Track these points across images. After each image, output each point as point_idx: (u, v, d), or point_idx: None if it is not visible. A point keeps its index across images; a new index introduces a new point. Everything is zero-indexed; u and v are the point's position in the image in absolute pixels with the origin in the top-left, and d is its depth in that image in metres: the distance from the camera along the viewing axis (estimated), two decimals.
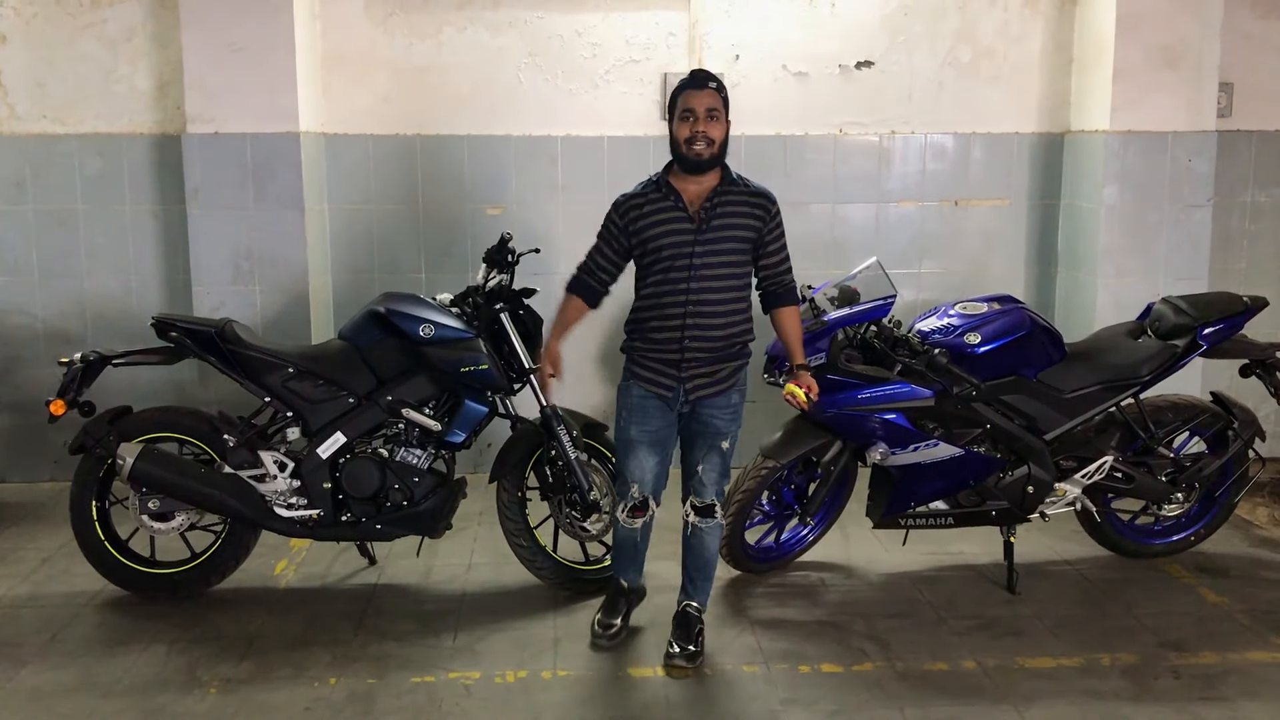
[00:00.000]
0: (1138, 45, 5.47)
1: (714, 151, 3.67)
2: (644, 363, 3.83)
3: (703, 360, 3.78)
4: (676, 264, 3.71)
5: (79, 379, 4.17)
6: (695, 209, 3.72)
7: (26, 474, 5.81)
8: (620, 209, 3.81)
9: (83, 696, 3.65)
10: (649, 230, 3.74)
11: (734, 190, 3.74)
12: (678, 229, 3.71)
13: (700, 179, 3.73)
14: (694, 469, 3.87)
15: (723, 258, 3.72)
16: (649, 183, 3.82)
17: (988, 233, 6.01)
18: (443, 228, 5.79)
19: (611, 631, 3.99)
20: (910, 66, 5.84)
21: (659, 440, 3.86)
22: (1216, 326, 4.49)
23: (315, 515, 4.27)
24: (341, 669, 3.83)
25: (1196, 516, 4.77)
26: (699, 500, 3.86)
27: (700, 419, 3.85)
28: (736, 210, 3.73)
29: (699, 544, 3.93)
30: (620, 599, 4.09)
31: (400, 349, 4.26)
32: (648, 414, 3.83)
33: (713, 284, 3.72)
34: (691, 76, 3.73)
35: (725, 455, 3.87)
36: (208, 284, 5.41)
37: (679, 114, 3.68)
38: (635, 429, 3.84)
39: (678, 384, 3.80)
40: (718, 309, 3.74)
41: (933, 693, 3.67)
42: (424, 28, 5.67)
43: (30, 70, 5.56)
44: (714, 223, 3.71)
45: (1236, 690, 3.68)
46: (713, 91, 3.68)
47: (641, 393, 3.83)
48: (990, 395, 4.29)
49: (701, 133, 3.63)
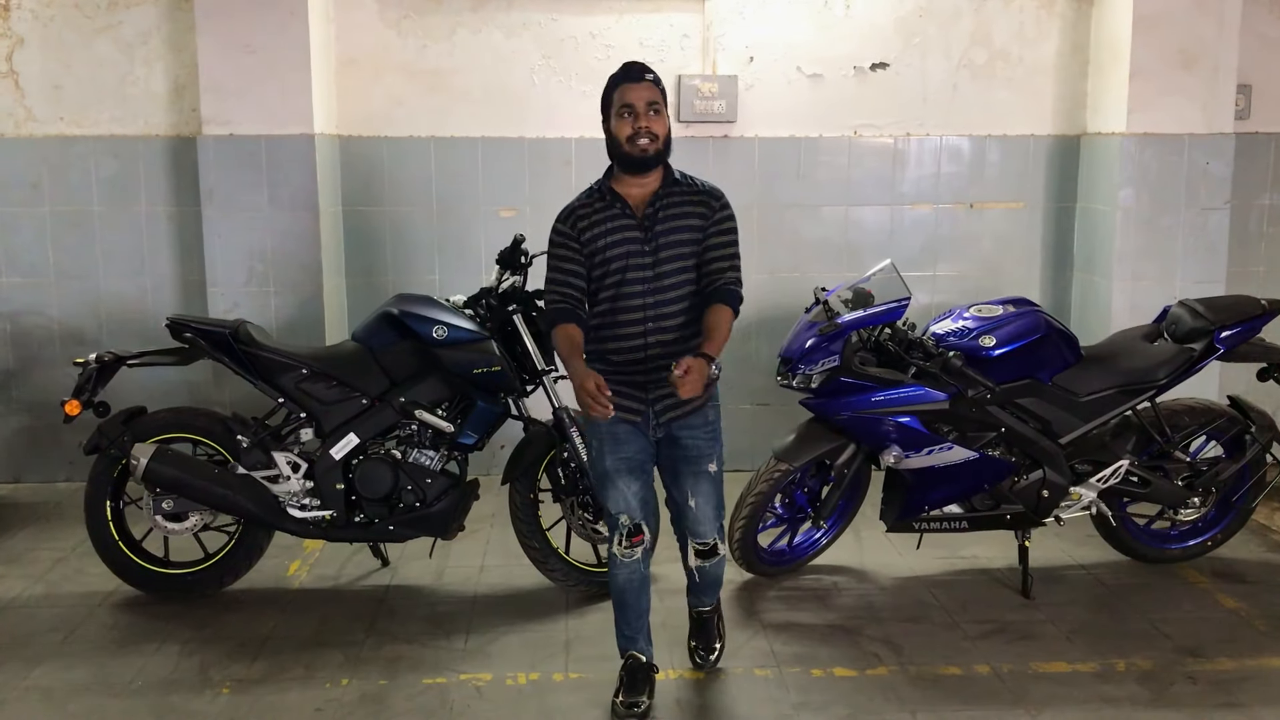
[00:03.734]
0: (1155, 47, 5.44)
1: (658, 147, 3.37)
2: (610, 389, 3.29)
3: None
4: (629, 275, 3.39)
5: (94, 379, 4.19)
6: (641, 214, 3.42)
7: (42, 474, 5.83)
8: (567, 221, 3.45)
9: (95, 696, 3.66)
10: (598, 240, 3.41)
11: (678, 190, 3.44)
12: (626, 236, 3.40)
13: (643, 180, 3.42)
14: (685, 504, 3.52)
15: (675, 264, 3.41)
16: (590, 190, 3.49)
17: (1003, 236, 5.98)
18: (456, 230, 5.79)
19: (640, 710, 3.49)
20: (925, 68, 5.82)
21: (638, 465, 3.48)
22: (1234, 330, 4.46)
23: (328, 516, 4.27)
24: (353, 670, 3.83)
25: (1213, 521, 4.73)
26: (699, 542, 3.56)
27: (679, 444, 3.49)
28: (681, 210, 3.42)
29: (705, 578, 3.69)
30: (639, 675, 3.58)
31: (413, 350, 4.26)
32: (619, 440, 3.45)
33: (670, 293, 3.41)
34: (625, 69, 3.41)
35: (715, 480, 3.52)
36: (222, 285, 5.43)
37: (616, 110, 3.37)
38: (610, 458, 3.46)
39: (646, 405, 3.45)
40: (678, 320, 3.42)
41: (946, 697, 3.65)
42: (438, 30, 5.68)
43: (47, 72, 5.59)
44: (659, 227, 3.40)
45: (1253, 697, 3.65)
46: (650, 84, 3.37)
47: (610, 420, 3.37)
48: (1005, 398, 4.27)
49: (644, 128, 3.33)
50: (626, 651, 3.63)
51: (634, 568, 3.52)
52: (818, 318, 4.25)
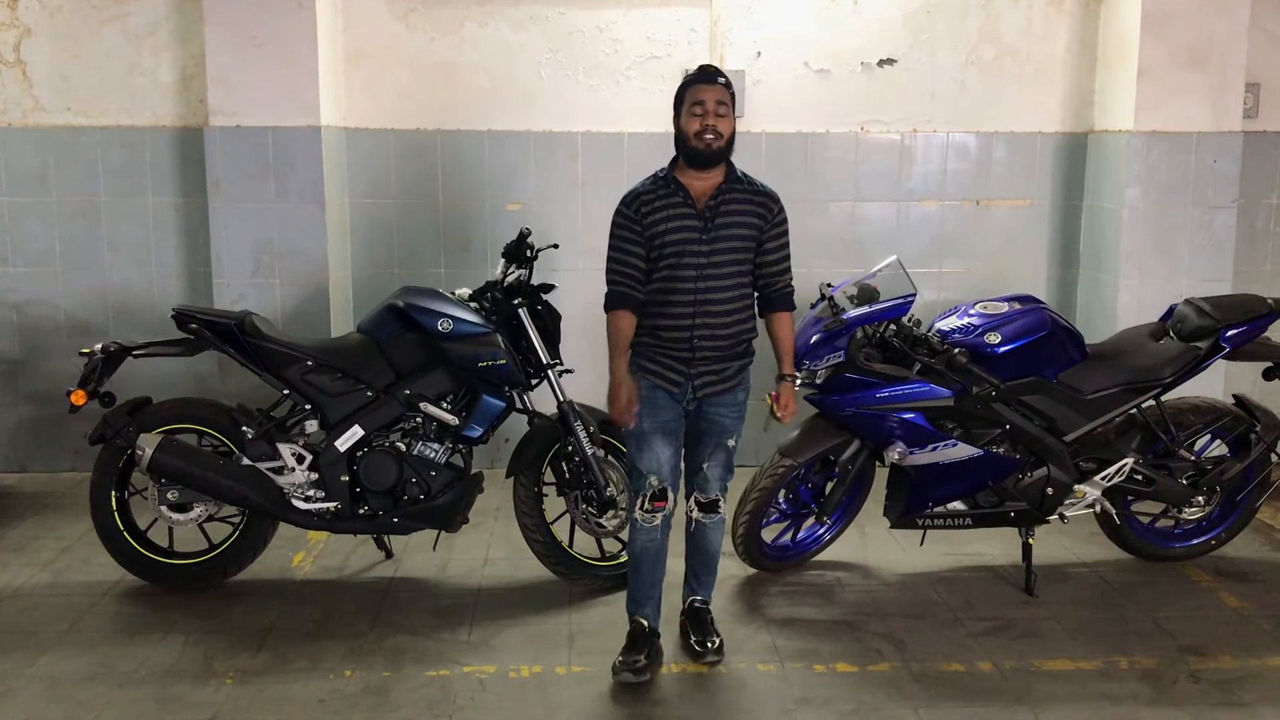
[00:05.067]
0: (1163, 45, 5.43)
1: (722, 144, 3.64)
2: (653, 358, 3.75)
3: (712, 358, 3.73)
4: (683, 261, 3.67)
5: (100, 370, 4.19)
6: (701, 205, 3.68)
7: (47, 464, 5.85)
8: (632, 205, 3.73)
9: (100, 685, 3.67)
10: (659, 225, 3.68)
11: (739, 187, 3.72)
12: (685, 225, 3.67)
13: (706, 174, 3.70)
14: (699, 466, 3.82)
15: (729, 255, 3.69)
16: (656, 178, 3.76)
17: (1009, 233, 5.97)
18: (462, 223, 5.79)
19: (638, 665, 3.70)
20: (933, 65, 5.81)
21: (672, 431, 3.78)
22: (1240, 329, 4.45)
23: (333, 508, 4.28)
24: (357, 661, 3.84)
25: (1217, 520, 4.73)
26: (703, 496, 3.83)
27: (707, 417, 3.80)
28: (741, 208, 3.70)
29: (703, 539, 3.91)
30: (642, 640, 3.79)
31: (419, 343, 4.27)
32: (657, 405, 3.74)
33: (720, 282, 3.69)
34: (700, 71, 3.71)
35: (730, 453, 3.84)
36: (228, 276, 5.44)
37: (688, 107, 3.66)
38: (648, 420, 3.74)
39: (686, 380, 3.74)
40: (725, 307, 3.70)
41: (948, 694, 3.65)
42: (445, 23, 5.68)
43: (55, 63, 5.59)
44: (719, 220, 3.67)
45: (1256, 696, 3.65)
46: (721, 87, 3.66)
47: (650, 385, 3.74)
48: (1010, 395, 4.26)
49: (711, 125, 3.61)
50: (633, 616, 3.85)
51: (652, 534, 3.79)
52: (823, 313, 4.25)
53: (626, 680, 3.67)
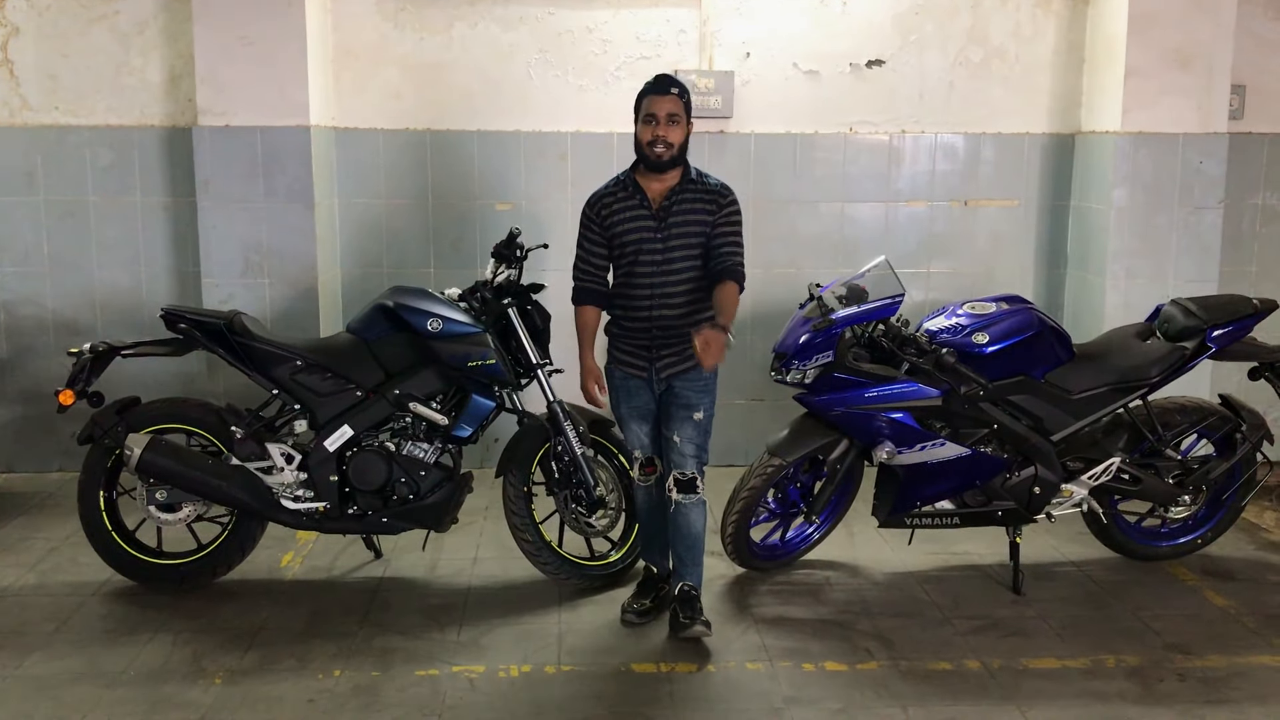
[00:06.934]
0: (1150, 46, 5.46)
1: (672, 154, 3.90)
2: (621, 348, 4.09)
3: (670, 343, 3.98)
4: (641, 258, 3.96)
5: (88, 369, 4.18)
6: (657, 206, 3.95)
7: (35, 464, 5.83)
8: (594, 206, 4.04)
9: (88, 685, 3.66)
10: (618, 226, 3.97)
11: (692, 187, 3.97)
12: (642, 225, 3.95)
13: (663, 177, 3.96)
14: (671, 439, 4.02)
15: (682, 251, 3.95)
16: (617, 181, 4.05)
17: (997, 233, 5.99)
18: (452, 222, 5.79)
19: (641, 608, 4.13)
20: (921, 66, 5.83)
21: (646, 412, 4.10)
22: (1226, 329, 4.48)
23: (322, 508, 4.28)
24: (346, 661, 3.83)
25: (1203, 519, 4.75)
26: (680, 473, 4.00)
27: (674, 392, 4.03)
28: (693, 206, 3.95)
29: (684, 521, 4.02)
30: (649, 583, 4.24)
31: (408, 343, 4.27)
32: (630, 392, 4.08)
33: (675, 276, 3.96)
34: (655, 81, 3.94)
35: (699, 426, 4.01)
36: (217, 276, 5.43)
37: (642, 117, 3.91)
38: (624, 406, 4.11)
39: (650, 364, 4.02)
40: (681, 299, 3.97)
41: (937, 692, 3.67)
42: (435, 23, 5.68)
43: (42, 62, 5.57)
44: (671, 219, 3.94)
45: (1242, 694, 3.67)
46: (674, 97, 3.88)
47: (623, 374, 4.08)
48: (998, 395, 4.28)
49: (661, 136, 3.86)
50: (646, 565, 4.30)
51: (648, 493, 4.17)
52: (812, 313, 4.26)
53: (629, 622, 4.10)
